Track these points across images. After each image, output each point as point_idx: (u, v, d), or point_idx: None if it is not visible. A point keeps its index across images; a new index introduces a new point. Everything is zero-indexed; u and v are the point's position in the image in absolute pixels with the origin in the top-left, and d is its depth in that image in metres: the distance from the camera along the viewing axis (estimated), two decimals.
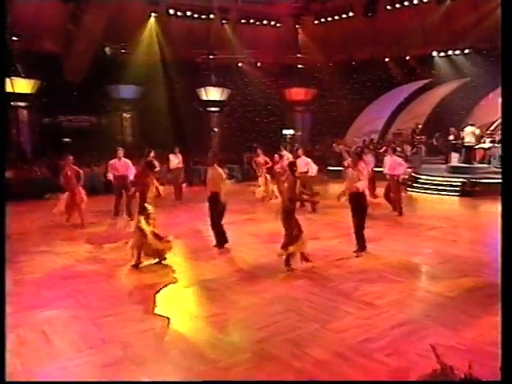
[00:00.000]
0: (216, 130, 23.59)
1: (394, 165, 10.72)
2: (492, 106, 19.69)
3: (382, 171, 11.30)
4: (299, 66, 22.84)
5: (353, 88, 22.24)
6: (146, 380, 3.69)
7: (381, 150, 19.43)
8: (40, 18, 18.67)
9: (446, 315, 4.68)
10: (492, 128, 18.16)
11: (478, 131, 15.36)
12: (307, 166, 11.29)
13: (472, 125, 15.77)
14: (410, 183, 14.74)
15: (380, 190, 11.58)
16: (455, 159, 16.96)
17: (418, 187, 14.41)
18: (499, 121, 19.01)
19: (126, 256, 7.04)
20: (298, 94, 22.96)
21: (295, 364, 3.77)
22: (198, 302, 5.40)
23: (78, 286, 5.83)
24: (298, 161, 11.73)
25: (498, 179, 13.24)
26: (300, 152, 11.76)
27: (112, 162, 10.72)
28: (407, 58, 21.16)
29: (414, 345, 3.98)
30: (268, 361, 3.85)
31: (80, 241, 8.43)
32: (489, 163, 15.23)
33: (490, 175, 13.63)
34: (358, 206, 6.99)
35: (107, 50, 17.96)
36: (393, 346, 3.99)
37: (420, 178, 14.65)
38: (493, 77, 19.21)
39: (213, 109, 23.21)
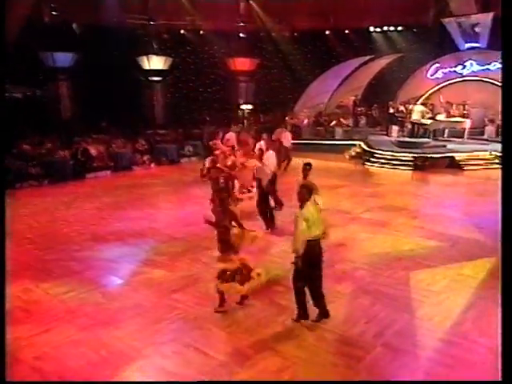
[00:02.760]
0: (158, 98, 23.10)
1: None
2: (420, 81, 21.91)
3: None
4: (242, 35, 22.90)
5: (295, 59, 22.99)
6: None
7: (331, 124, 20.86)
8: None
9: (495, 296, 5.87)
10: (419, 102, 20.27)
11: (426, 110, 17.16)
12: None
13: (423, 104, 17.61)
14: (366, 158, 16.30)
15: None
16: (395, 132, 18.94)
17: (373, 161, 15.97)
18: (426, 95, 21.31)
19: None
20: (242, 63, 23.12)
21: (419, 352, 4.76)
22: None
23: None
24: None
25: (441, 153, 15.41)
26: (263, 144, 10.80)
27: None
28: (346, 31, 22.33)
29: (492, 326, 5.11)
30: (396, 352, 4.78)
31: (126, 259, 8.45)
32: (428, 137, 17.30)
33: (434, 149, 15.64)
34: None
35: (74, 26, 16.24)
36: (478, 329, 5.15)
37: (375, 153, 16.21)
38: (421, 54, 21.29)
39: (155, 78, 22.55)
